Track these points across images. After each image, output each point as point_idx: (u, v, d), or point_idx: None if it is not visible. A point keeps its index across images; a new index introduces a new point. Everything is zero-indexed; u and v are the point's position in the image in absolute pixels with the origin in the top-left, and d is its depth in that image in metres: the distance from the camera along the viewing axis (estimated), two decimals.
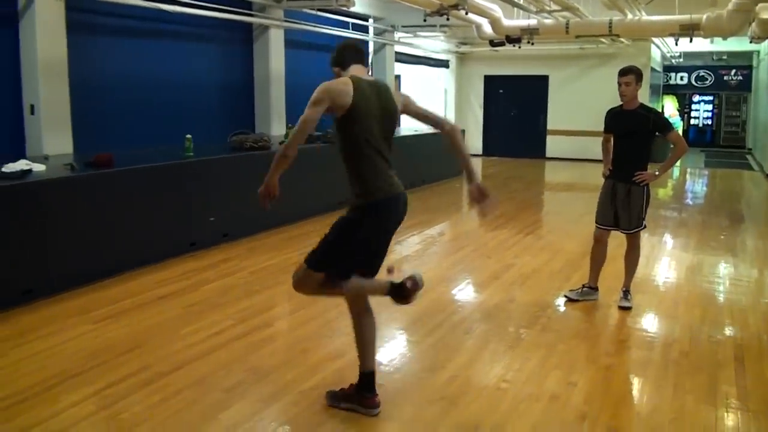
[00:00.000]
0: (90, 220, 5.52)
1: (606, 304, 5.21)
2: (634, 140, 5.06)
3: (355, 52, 3.39)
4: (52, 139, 6.76)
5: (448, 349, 4.32)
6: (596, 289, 5.34)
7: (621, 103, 5.07)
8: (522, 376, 3.90)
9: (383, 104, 3.25)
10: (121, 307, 4.98)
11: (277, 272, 6.08)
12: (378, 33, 13.33)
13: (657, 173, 5.07)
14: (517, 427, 3.30)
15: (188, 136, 6.82)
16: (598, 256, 5.33)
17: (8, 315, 4.71)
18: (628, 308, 5.11)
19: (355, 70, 3.32)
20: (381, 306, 5.01)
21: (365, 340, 3.40)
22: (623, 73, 4.97)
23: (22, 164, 5.36)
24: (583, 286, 5.38)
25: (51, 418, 3.31)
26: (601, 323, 4.97)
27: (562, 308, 5.20)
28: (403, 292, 3.22)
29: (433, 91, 17.24)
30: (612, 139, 5.23)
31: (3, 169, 5.17)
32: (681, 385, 3.80)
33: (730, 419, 3.44)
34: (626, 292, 5.21)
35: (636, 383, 3.89)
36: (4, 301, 4.82)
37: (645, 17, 11.05)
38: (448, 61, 17.46)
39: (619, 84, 4.97)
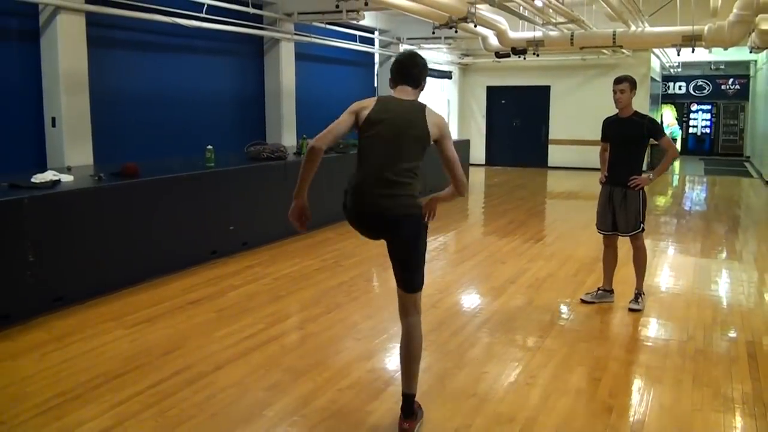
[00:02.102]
0: (117, 228, 5.65)
1: (622, 306, 5.36)
2: (629, 146, 5.25)
3: (398, 73, 3.32)
4: (73, 150, 6.92)
5: (474, 350, 4.48)
6: (611, 291, 5.51)
7: (617, 111, 5.26)
8: (547, 373, 4.05)
9: (405, 125, 3.18)
10: (153, 312, 5.12)
11: (299, 278, 6.24)
12: (384, 45, 13.55)
13: (651, 177, 5.26)
14: (549, 419, 3.45)
15: (209, 147, 6.97)
16: (608, 259, 5.51)
17: (42, 321, 4.85)
18: (638, 311, 5.26)
19: (400, 91, 3.30)
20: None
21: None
22: (618, 81, 5.17)
23: (50, 175, 5.51)
24: (598, 288, 5.55)
25: (99, 416, 3.43)
26: (619, 324, 5.12)
27: (580, 310, 5.35)
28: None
29: (437, 101, 17.41)
30: (609, 147, 5.40)
31: (33, 180, 5.33)
32: (699, 380, 3.97)
33: (748, 410, 3.59)
34: (638, 295, 5.36)
35: (657, 378, 4.03)
36: (37, 307, 4.96)
37: (648, 29, 11.23)
38: (451, 72, 17.66)
39: (615, 92, 5.18)
